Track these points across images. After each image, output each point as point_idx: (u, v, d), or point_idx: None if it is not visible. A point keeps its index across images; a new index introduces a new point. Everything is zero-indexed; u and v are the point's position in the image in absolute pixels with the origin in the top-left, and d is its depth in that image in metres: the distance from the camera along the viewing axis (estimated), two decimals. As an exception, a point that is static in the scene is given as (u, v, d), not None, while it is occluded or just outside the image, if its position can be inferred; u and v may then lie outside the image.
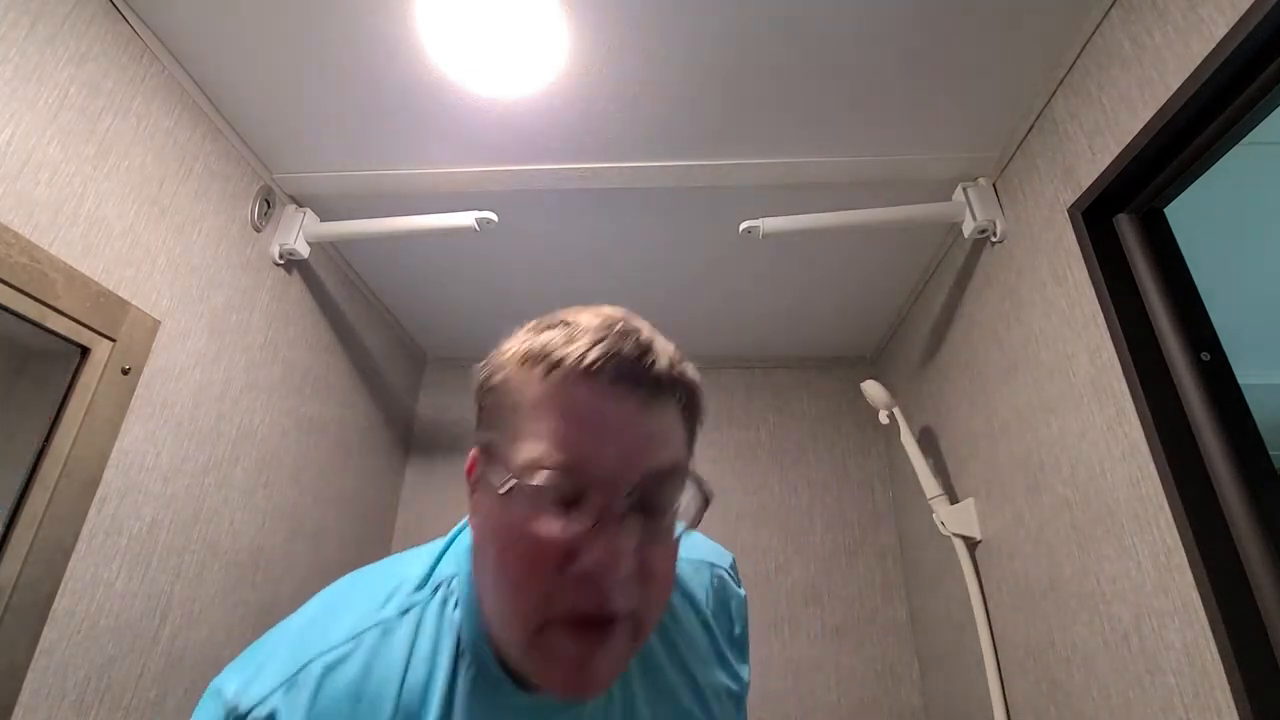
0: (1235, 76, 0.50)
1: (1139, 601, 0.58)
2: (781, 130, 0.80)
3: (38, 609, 0.56)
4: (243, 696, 0.36)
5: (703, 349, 1.41)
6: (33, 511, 0.55)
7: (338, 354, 1.07)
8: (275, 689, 0.37)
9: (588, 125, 0.80)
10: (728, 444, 1.36)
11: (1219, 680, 0.49)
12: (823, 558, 1.24)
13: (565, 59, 0.71)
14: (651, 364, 0.36)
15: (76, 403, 0.60)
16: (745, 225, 0.83)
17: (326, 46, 0.70)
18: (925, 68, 0.71)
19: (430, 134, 0.82)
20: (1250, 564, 0.49)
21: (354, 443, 1.10)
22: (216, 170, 0.80)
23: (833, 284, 1.14)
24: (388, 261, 1.09)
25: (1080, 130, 0.67)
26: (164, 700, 0.69)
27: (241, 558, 0.82)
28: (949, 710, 1.00)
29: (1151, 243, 0.63)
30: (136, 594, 0.66)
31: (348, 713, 0.37)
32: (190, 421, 0.74)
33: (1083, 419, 0.66)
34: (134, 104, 0.68)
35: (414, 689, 0.39)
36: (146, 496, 0.68)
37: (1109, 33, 0.63)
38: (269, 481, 0.88)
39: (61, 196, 0.59)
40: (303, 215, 0.93)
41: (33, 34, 0.57)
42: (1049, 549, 0.72)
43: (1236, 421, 0.54)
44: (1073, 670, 0.67)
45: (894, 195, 0.87)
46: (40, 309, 0.56)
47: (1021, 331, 0.78)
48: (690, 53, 0.70)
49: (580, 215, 0.96)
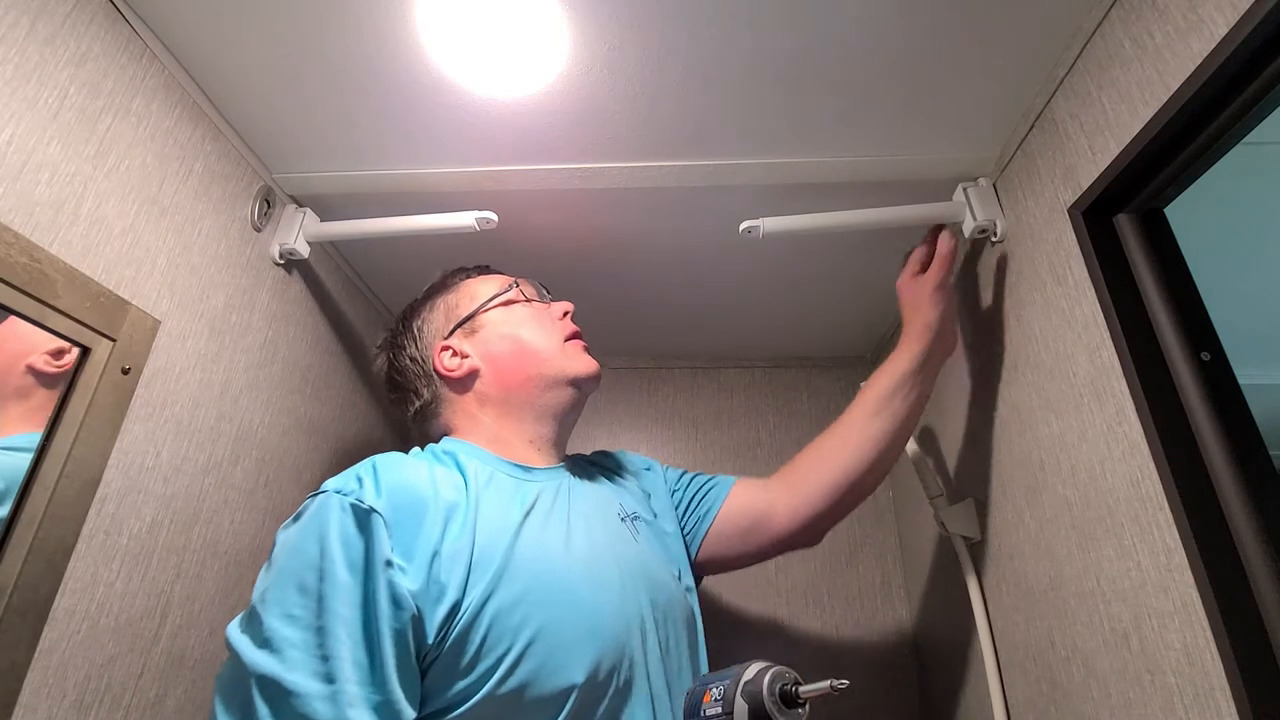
0: (1236, 76, 0.50)
1: (1139, 601, 0.58)
2: (782, 130, 0.80)
3: (38, 609, 0.56)
4: (344, 489, 0.54)
5: (703, 348, 1.41)
6: (33, 511, 0.55)
7: (338, 354, 1.07)
8: (354, 479, 0.55)
9: (588, 125, 0.80)
10: (728, 443, 1.36)
11: (1219, 680, 0.49)
12: (823, 558, 1.24)
13: (566, 59, 0.71)
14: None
15: (77, 402, 0.60)
16: (745, 225, 0.83)
17: (327, 47, 0.70)
18: (925, 67, 0.71)
19: (430, 134, 0.82)
20: (1250, 564, 0.49)
21: (354, 442, 1.10)
22: (217, 170, 0.80)
23: (833, 284, 1.14)
24: (388, 261, 1.09)
25: (1080, 130, 0.67)
26: (164, 699, 0.69)
27: (241, 558, 0.82)
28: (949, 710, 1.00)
29: (1151, 243, 0.63)
30: (137, 594, 0.67)
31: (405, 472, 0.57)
32: (190, 421, 0.74)
33: (1083, 419, 0.66)
34: (134, 104, 0.68)
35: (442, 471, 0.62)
36: (147, 496, 0.68)
37: (1109, 33, 0.63)
38: (269, 481, 0.88)
39: (62, 196, 0.59)
40: (303, 215, 0.93)
41: (33, 34, 0.57)
42: (1049, 549, 0.72)
43: (1236, 421, 0.54)
44: (1073, 670, 0.67)
45: (894, 195, 0.86)
46: (40, 308, 0.56)
47: (1021, 331, 0.78)
48: (691, 52, 0.70)
49: (580, 215, 0.96)
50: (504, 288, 0.80)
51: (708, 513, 0.80)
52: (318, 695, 0.46)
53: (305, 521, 0.54)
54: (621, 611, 0.60)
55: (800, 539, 0.80)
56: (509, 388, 0.74)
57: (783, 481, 0.81)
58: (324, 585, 0.50)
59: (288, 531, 0.55)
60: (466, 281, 0.82)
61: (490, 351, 0.75)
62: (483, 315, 0.78)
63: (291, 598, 0.50)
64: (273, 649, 0.48)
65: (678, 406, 1.40)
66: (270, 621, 0.49)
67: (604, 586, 0.61)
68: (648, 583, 0.65)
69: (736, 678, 0.51)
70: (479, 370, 0.75)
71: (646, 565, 0.68)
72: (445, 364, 0.75)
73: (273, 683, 0.46)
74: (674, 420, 1.39)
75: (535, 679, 0.52)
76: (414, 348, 0.79)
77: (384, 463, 0.58)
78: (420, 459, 0.63)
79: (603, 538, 0.67)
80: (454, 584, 0.53)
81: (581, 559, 0.62)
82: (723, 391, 1.41)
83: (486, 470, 0.65)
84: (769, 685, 0.49)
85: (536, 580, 0.56)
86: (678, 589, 0.70)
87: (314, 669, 0.47)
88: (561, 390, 0.75)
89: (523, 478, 0.68)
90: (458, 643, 0.52)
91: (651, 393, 1.41)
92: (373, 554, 0.51)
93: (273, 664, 0.47)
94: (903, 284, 0.86)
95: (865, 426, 0.78)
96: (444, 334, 0.78)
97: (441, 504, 0.57)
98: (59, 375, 0.59)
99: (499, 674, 0.52)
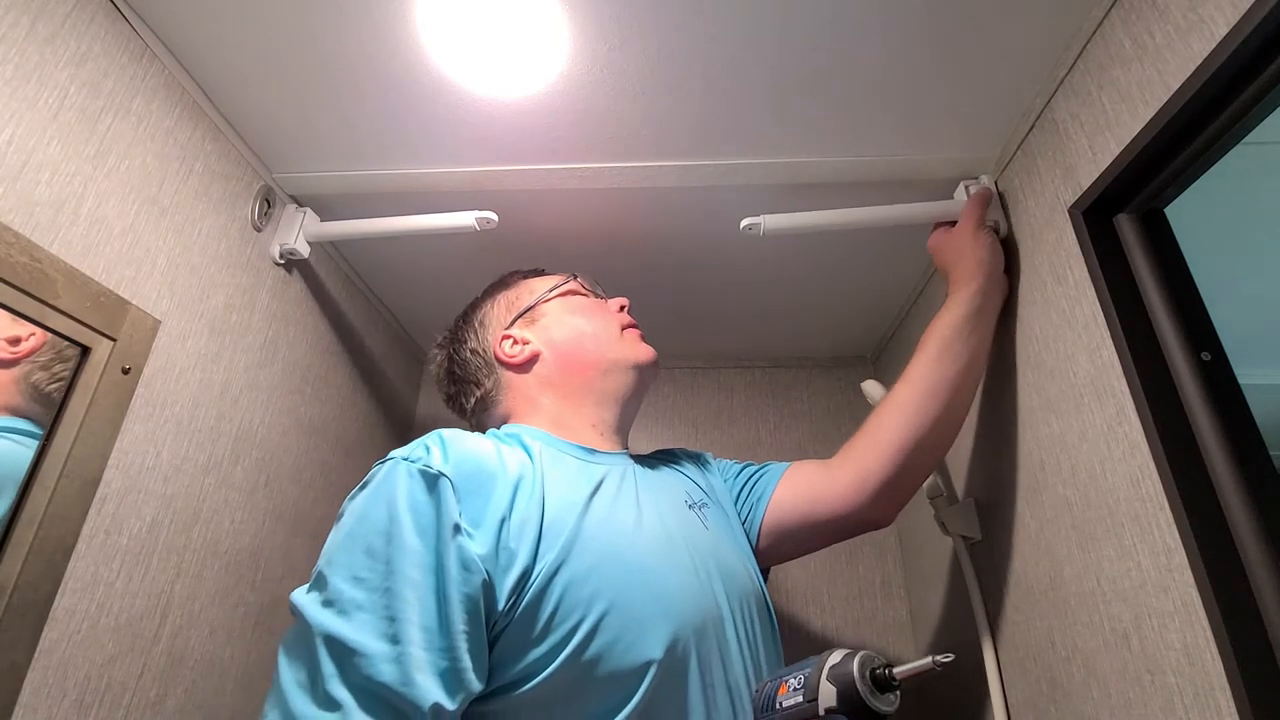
0: (1236, 76, 0.50)
1: (1139, 601, 0.58)
2: (782, 130, 0.80)
3: (38, 608, 0.56)
4: (411, 457, 0.54)
5: (703, 348, 1.41)
6: (33, 511, 0.55)
7: (338, 354, 1.07)
8: (422, 448, 0.55)
9: (588, 125, 0.80)
10: (728, 443, 1.36)
11: (1219, 680, 0.49)
12: (823, 558, 1.24)
13: (566, 59, 0.71)
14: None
15: (77, 402, 0.60)
16: (746, 223, 0.83)
17: (327, 46, 0.70)
18: (926, 67, 0.71)
19: (430, 134, 0.82)
20: (1250, 564, 0.49)
21: (354, 442, 1.10)
22: (217, 170, 0.80)
23: (833, 284, 1.14)
24: (388, 261, 1.09)
25: (1081, 130, 0.67)
26: (164, 699, 0.69)
27: (242, 558, 0.82)
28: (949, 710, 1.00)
29: (1152, 243, 0.63)
30: (137, 593, 0.67)
31: (471, 442, 0.57)
32: (190, 421, 0.74)
33: (1083, 419, 0.66)
34: (134, 104, 0.68)
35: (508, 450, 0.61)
36: (147, 496, 0.68)
37: (1109, 32, 0.63)
38: (269, 481, 0.88)
39: (62, 196, 0.59)
40: (303, 215, 0.93)
41: (33, 34, 0.57)
42: (1049, 549, 0.72)
43: (1236, 421, 0.54)
44: (1073, 670, 0.67)
45: (894, 195, 0.86)
46: (40, 308, 0.56)
47: (1021, 331, 0.78)
48: (691, 52, 0.70)
49: (580, 215, 0.96)
50: (562, 280, 0.83)
51: (760, 498, 0.76)
52: (383, 657, 0.45)
53: (374, 487, 0.53)
54: (696, 594, 0.58)
55: (870, 514, 0.73)
56: (570, 371, 0.75)
57: (844, 455, 0.76)
58: (392, 549, 0.49)
59: (356, 499, 0.54)
60: (525, 280, 0.84)
61: (551, 337, 0.77)
62: (543, 305, 0.80)
63: (359, 560, 0.49)
64: (339, 609, 0.47)
65: (678, 406, 1.40)
66: (337, 583, 0.48)
67: (677, 568, 0.59)
68: (720, 569, 0.63)
69: (820, 664, 0.49)
70: (540, 354, 0.76)
71: (718, 552, 0.65)
72: (507, 351, 0.77)
73: (339, 642, 0.45)
74: (674, 420, 1.39)
75: (610, 652, 0.50)
76: (475, 340, 0.80)
77: (451, 434, 0.57)
78: (485, 437, 0.62)
79: (674, 522, 0.65)
80: (524, 550, 0.51)
81: (653, 539, 0.60)
82: (723, 391, 1.41)
83: (551, 450, 0.64)
84: (860, 668, 0.46)
85: (608, 555, 0.55)
86: (751, 578, 0.68)
87: (381, 630, 0.46)
88: (621, 375, 0.75)
89: (587, 459, 0.67)
90: (529, 611, 0.50)
91: (652, 392, 1.40)
92: (442, 518, 0.50)
93: (339, 624, 0.46)
94: (934, 241, 0.83)
95: (926, 376, 0.73)
96: (505, 324, 0.79)
97: (509, 474, 0.56)
98: (14, 360, 0.57)
99: (573, 645, 0.50)
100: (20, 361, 0.57)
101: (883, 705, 0.45)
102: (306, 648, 0.46)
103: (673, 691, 0.52)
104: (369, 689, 0.44)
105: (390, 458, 0.55)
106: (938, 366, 0.73)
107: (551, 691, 0.50)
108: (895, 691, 0.47)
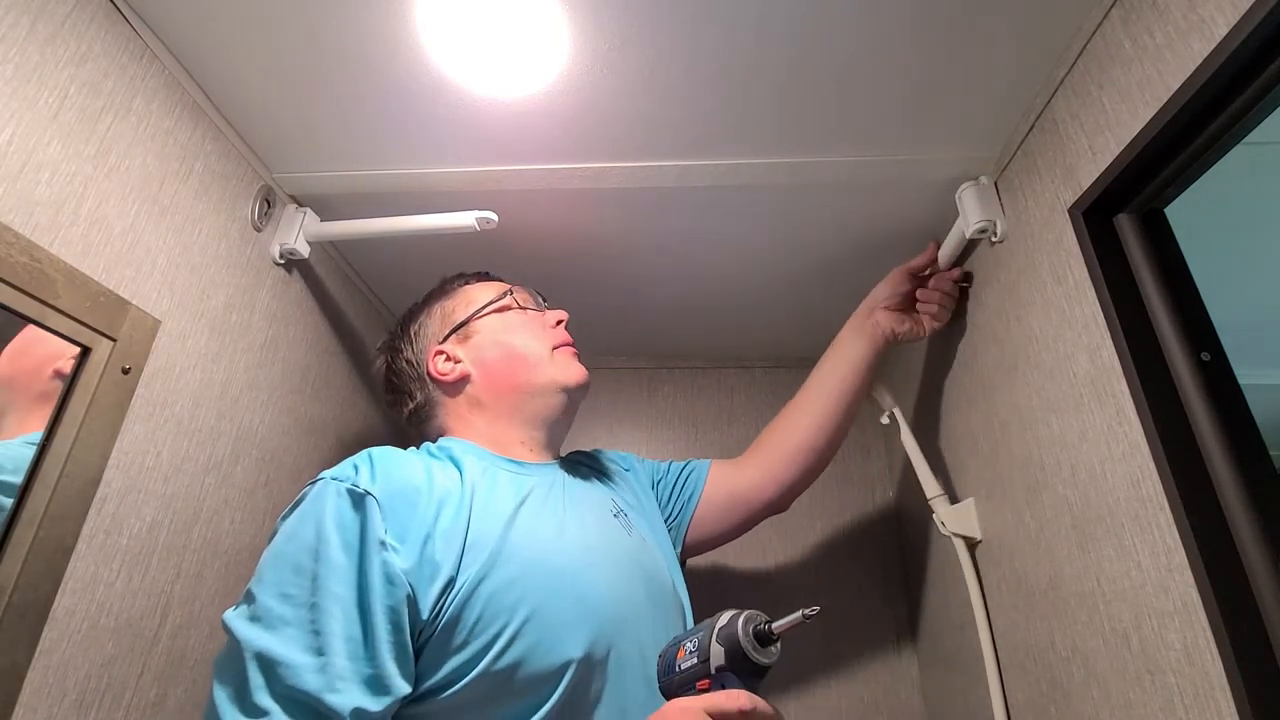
0: (1236, 76, 0.50)
1: (1139, 601, 0.58)
2: (782, 130, 0.80)
3: (38, 609, 0.56)
4: (340, 476, 0.56)
5: (703, 348, 1.41)
6: (33, 511, 0.55)
7: (338, 354, 1.07)
8: (350, 467, 0.58)
9: (588, 125, 0.80)
10: (728, 443, 1.36)
11: (1219, 680, 0.49)
12: (823, 557, 1.24)
13: (566, 59, 0.71)
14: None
15: (77, 402, 0.60)
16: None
17: (327, 46, 0.70)
18: (926, 67, 0.71)
19: (430, 134, 0.82)
20: (1250, 564, 0.49)
21: (354, 442, 1.10)
22: (217, 170, 0.80)
23: (833, 284, 1.13)
24: (388, 261, 1.09)
25: (1081, 130, 0.67)
26: (164, 699, 0.69)
27: (242, 557, 0.82)
28: (949, 710, 1.00)
29: (1152, 243, 0.63)
30: (137, 593, 0.67)
31: (399, 461, 0.60)
32: (190, 421, 0.74)
33: (1083, 419, 0.66)
34: (134, 104, 0.68)
35: (439, 464, 0.64)
36: (147, 496, 0.68)
37: (1109, 32, 0.63)
38: (269, 481, 0.88)
39: (62, 196, 0.59)
40: (303, 215, 0.93)
41: (33, 34, 0.57)
42: (1049, 549, 0.72)
43: (1236, 421, 0.54)
44: (1073, 670, 0.67)
45: (894, 195, 0.87)
46: (40, 308, 0.56)
47: (1021, 331, 0.78)
48: (691, 52, 0.70)
49: (580, 215, 0.96)
50: (499, 295, 0.82)
51: (690, 498, 0.85)
52: (308, 668, 0.48)
53: (303, 508, 0.56)
54: (615, 597, 0.62)
55: (774, 508, 0.88)
56: (499, 393, 0.76)
57: (753, 457, 0.88)
58: (319, 565, 0.51)
59: (287, 519, 0.57)
60: (464, 287, 0.85)
61: (482, 357, 0.78)
62: (477, 321, 0.80)
63: (287, 578, 0.52)
64: (266, 625, 0.50)
65: (678, 406, 1.40)
66: (265, 600, 0.51)
67: (597, 572, 0.63)
68: (641, 573, 0.68)
69: (711, 626, 0.53)
70: (470, 375, 0.78)
71: (639, 557, 0.70)
72: (439, 368, 0.78)
73: (266, 657, 0.48)
74: (674, 420, 1.39)
75: (529, 656, 0.54)
76: (410, 351, 0.81)
77: (379, 453, 0.61)
78: (416, 455, 0.65)
79: (595, 529, 0.69)
80: (448, 562, 0.55)
81: (575, 546, 0.64)
82: (723, 391, 1.41)
83: (481, 465, 0.68)
84: (743, 627, 0.50)
85: (530, 564, 0.59)
86: (669, 581, 0.73)
87: (306, 644, 0.49)
88: (550, 397, 0.77)
89: (517, 471, 0.71)
90: (452, 620, 0.53)
91: (651, 393, 1.41)
92: (367, 535, 0.53)
93: (267, 639, 0.49)
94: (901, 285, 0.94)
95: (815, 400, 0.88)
96: (439, 338, 0.80)
97: (435, 491, 0.59)
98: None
99: (494, 651, 0.53)
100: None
101: (763, 658, 0.50)
102: (237, 664, 0.49)
103: (591, 687, 0.56)
104: (293, 697, 0.47)
105: (320, 478, 0.58)
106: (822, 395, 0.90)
107: (477, 693, 0.53)
108: (775, 644, 0.51)
